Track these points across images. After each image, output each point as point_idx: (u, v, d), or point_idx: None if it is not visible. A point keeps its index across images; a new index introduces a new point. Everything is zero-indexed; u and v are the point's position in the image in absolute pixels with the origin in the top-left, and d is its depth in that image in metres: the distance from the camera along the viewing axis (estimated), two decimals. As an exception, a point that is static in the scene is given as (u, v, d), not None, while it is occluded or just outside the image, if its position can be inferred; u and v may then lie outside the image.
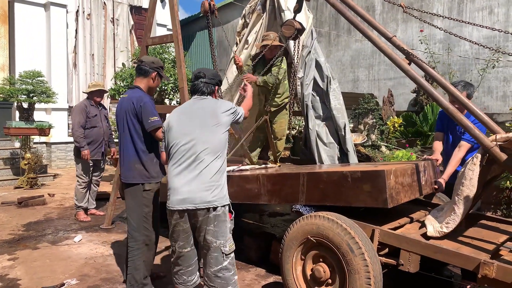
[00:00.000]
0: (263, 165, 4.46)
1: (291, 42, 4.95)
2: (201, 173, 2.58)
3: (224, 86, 5.49)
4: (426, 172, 3.43)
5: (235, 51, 5.68)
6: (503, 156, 2.59)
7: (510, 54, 3.13)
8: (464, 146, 3.49)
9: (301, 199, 3.23)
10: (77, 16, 11.27)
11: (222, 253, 2.61)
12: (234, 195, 3.66)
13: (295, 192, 3.27)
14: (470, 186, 2.73)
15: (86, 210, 5.75)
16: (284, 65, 4.78)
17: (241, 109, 2.97)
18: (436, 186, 3.49)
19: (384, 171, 2.80)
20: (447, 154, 3.79)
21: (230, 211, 2.71)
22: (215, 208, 2.59)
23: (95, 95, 5.72)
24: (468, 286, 3.45)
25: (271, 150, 5.04)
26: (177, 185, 2.63)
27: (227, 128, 2.77)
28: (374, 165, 3.57)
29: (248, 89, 3.38)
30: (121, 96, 3.38)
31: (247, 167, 4.30)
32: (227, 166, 4.10)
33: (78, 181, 5.63)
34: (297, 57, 4.98)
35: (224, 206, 2.64)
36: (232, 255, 2.67)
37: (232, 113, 2.81)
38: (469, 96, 3.63)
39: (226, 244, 2.62)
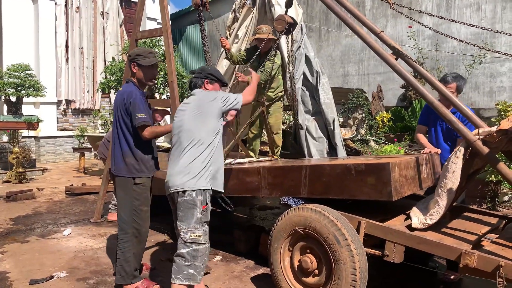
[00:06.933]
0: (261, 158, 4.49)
1: (283, 37, 4.96)
2: (180, 159, 2.75)
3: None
4: (428, 165, 3.45)
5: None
6: (485, 150, 2.66)
7: (494, 51, 3.19)
8: None
9: (303, 192, 3.22)
10: (66, 9, 11.14)
11: (182, 238, 2.66)
12: (234, 187, 3.65)
13: (297, 185, 3.25)
14: (453, 178, 2.79)
15: None
16: (278, 60, 4.78)
17: (238, 96, 2.99)
18: None
19: (389, 163, 2.80)
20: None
21: (205, 203, 2.72)
22: (184, 192, 2.67)
23: None
24: (452, 277, 3.54)
25: (268, 143, 5.06)
26: (167, 172, 2.83)
27: (217, 116, 2.84)
28: (377, 158, 3.59)
29: (253, 75, 3.51)
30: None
31: (245, 159, 4.33)
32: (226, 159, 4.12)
33: None
34: (288, 52, 5.00)
35: (194, 191, 2.67)
36: (195, 247, 2.65)
37: (222, 100, 2.87)
38: (459, 88, 3.67)
39: (187, 230, 2.66)
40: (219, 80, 3.07)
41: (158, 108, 3.74)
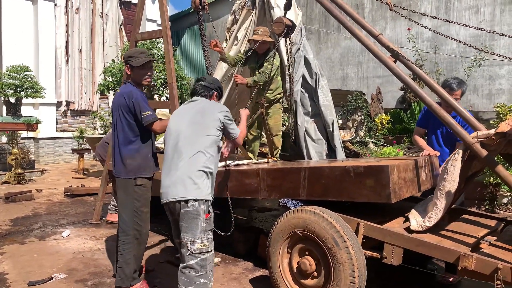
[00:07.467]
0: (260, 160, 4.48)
1: (282, 39, 4.96)
2: (179, 168, 2.66)
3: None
4: (426, 167, 3.45)
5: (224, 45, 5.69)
6: (484, 152, 2.66)
7: (493, 53, 3.20)
8: None
9: (302, 193, 3.20)
10: (66, 10, 11.14)
11: (189, 250, 2.59)
12: (233, 189, 3.64)
13: (296, 187, 3.23)
14: (451, 181, 2.79)
15: None
16: (276, 62, 4.78)
17: (237, 128, 2.95)
18: None
19: (388, 166, 2.80)
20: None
21: (208, 211, 2.67)
22: (186, 202, 2.60)
23: None
24: (451, 279, 3.54)
25: (267, 144, 5.06)
26: (162, 179, 2.75)
27: (218, 127, 2.77)
28: (376, 160, 3.60)
29: (242, 114, 3.33)
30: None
31: (244, 161, 4.32)
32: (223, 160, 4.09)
33: None
34: (288, 54, 5.00)
35: (196, 201, 2.61)
36: (203, 256, 2.61)
37: (226, 117, 2.83)
38: (463, 94, 3.72)
39: (194, 242, 2.59)
40: (221, 97, 3.18)
41: (162, 119, 3.73)
